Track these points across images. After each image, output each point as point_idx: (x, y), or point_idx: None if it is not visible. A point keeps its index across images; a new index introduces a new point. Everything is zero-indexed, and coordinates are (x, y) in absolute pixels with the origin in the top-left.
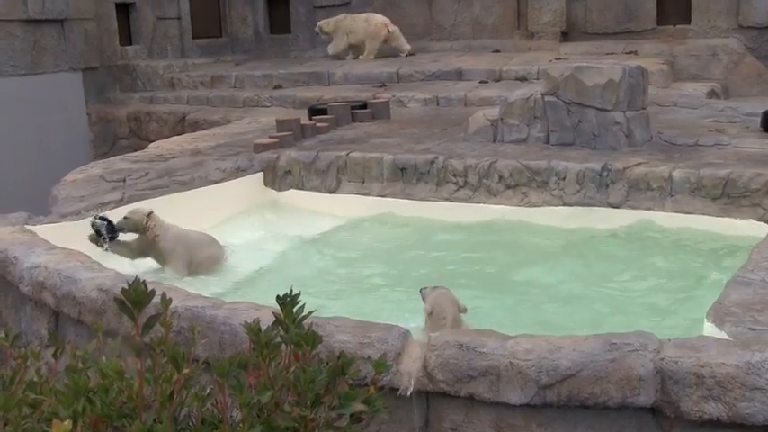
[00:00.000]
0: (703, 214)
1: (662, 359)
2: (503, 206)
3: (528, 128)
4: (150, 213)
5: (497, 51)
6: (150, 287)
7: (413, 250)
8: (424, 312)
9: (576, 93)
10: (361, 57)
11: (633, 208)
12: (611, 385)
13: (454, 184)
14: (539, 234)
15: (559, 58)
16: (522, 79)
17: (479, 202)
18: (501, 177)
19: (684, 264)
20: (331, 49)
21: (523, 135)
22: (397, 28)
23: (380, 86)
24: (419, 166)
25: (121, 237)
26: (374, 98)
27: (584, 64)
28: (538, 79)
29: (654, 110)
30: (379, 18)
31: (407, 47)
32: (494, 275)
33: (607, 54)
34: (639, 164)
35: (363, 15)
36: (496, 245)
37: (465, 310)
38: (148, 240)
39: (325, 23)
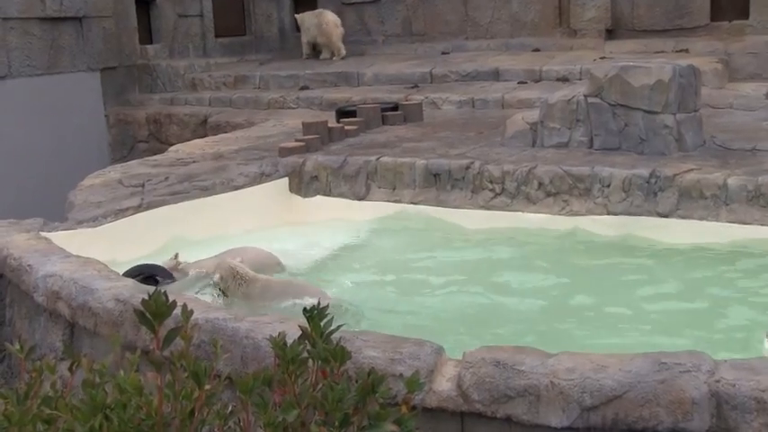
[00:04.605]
0: (762, 224)
1: (717, 381)
2: (543, 215)
3: (570, 131)
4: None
5: (537, 50)
6: (171, 298)
7: (447, 261)
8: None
9: (621, 94)
10: (334, 57)
11: (684, 218)
12: (660, 408)
13: (491, 191)
14: (581, 245)
15: (604, 57)
16: (564, 80)
17: (518, 211)
18: (541, 184)
19: (740, 278)
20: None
21: (565, 139)
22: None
23: (413, 87)
24: (453, 171)
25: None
26: (406, 100)
27: (631, 63)
28: (581, 80)
29: (707, 112)
30: (331, 16)
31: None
32: (534, 290)
33: (656, 53)
34: (691, 170)
35: (315, 12)
36: (536, 256)
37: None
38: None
39: (299, 17)
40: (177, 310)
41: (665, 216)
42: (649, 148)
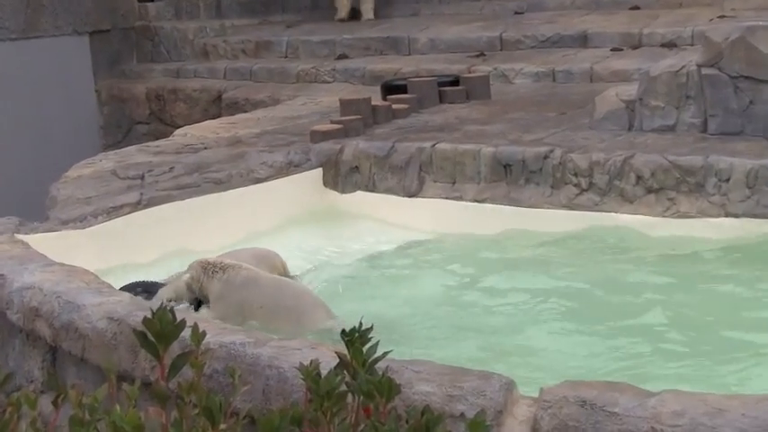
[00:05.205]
0: None
1: None
2: (641, 216)
3: (677, 111)
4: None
5: (636, 8)
6: (179, 316)
7: (519, 274)
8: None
9: (746, 63)
10: (363, 17)
11: None
12: None
13: (575, 186)
14: (692, 255)
15: (723, 16)
16: (671, 45)
17: (610, 211)
18: (639, 178)
19: None
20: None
21: (671, 121)
22: None
23: (478, 56)
24: (528, 161)
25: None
26: (469, 72)
27: (760, 23)
28: (692, 45)
29: None
30: None
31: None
32: (631, 313)
33: None
34: None
35: None
36: (632, 268)
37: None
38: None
39: None
40: (186, 332)
41: None
42: None
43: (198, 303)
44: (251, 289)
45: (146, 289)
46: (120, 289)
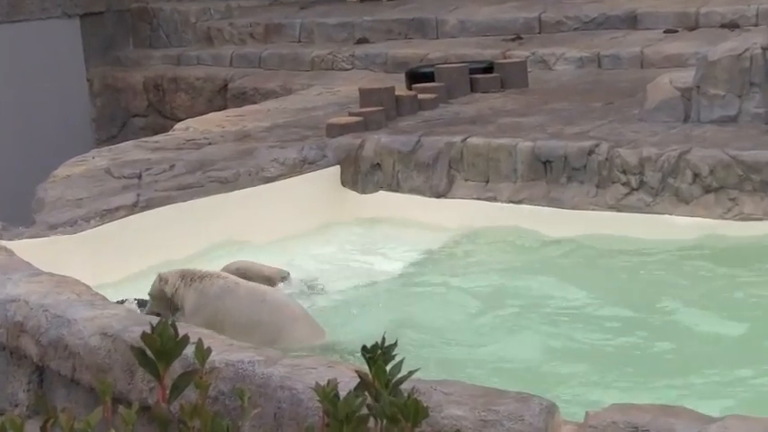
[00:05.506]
0: None
1: None
2: (699, 219)
3: (739, 100)
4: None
5: None
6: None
7: (562, 284)
8: None
9: None
10: None
11: None
12: None
13: (624, 185)
14: (756, 262)
15: None
16: (732, 26)
17: (663, 213)
18: (697, 176)
19: None
20: None
21: (732, 111)
22: None
23: (513, 40)
24: (571, 158)
25: None
26: (504, 57)
27: None
28: (756, 26)
29: None
30: None
31: None
32: (691, 325)
33: None
34: None
35: None
36: (690, 277)
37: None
38: None
39: None
40: (189, 349)
41: None
42: None
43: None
44: (226, 300)
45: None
46: None
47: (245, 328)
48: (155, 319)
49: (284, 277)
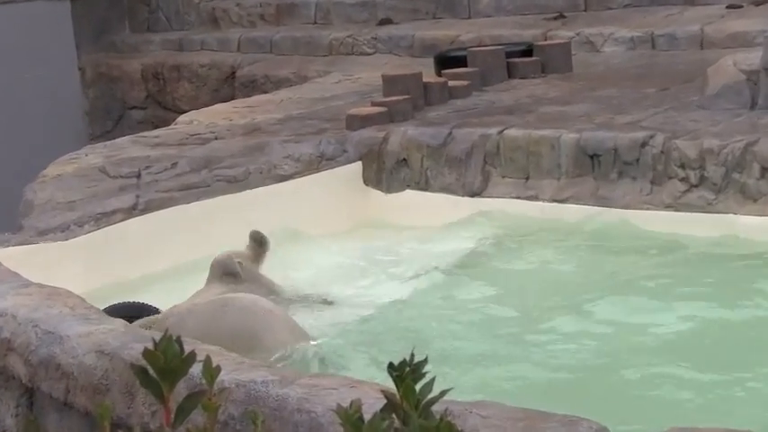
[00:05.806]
0: None
1: None
2: None
3: None
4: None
5: None
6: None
7: (613, 293)
8: None
9: None
10: None
11: None
12: None
13: (682, 180)
14: None
15: None
16: None
17: (727, 212)
18: (765, 170)
19: None
20: None
21: None
22: None
23: (556, 18)
24: (622, 151)
25: None
26: (545, 38)
27: None
28: None
29: None
30: None
31: None
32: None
33: None
34: None
35: None
36: (760, 283)
37: None
38: None
39: None
40: (195, 368)
41: None
42: None
43: None
44: (184, 329)
45: (132, 313)
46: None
47: (218, 341)
48: (157, 334)
49: (260, 239)
